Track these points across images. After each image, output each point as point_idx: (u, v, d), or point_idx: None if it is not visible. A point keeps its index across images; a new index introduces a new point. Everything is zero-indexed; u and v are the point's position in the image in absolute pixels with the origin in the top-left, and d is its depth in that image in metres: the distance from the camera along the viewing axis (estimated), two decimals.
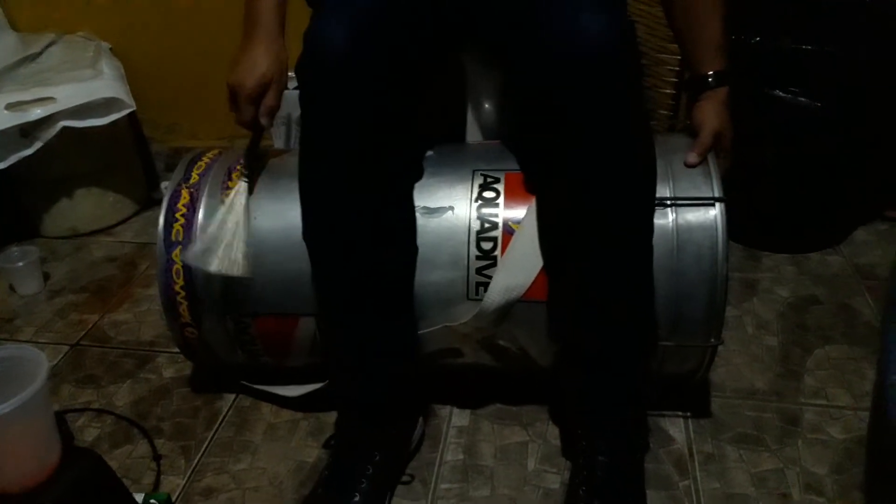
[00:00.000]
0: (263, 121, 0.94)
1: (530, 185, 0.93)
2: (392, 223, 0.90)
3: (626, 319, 0.85)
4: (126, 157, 1.64)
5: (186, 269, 0.96)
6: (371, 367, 0.93)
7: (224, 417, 1.07)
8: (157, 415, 1.08)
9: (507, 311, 0.91)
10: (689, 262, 0.88)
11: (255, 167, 0.99)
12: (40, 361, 0.75)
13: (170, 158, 1.81)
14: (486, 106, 1.14)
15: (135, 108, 1.48)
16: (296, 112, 1.57)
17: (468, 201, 0.94)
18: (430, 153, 1.00)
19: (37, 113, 1.38)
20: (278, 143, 1.64)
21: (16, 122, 1.36)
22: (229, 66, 0.94)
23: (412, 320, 0.93)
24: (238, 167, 1.00)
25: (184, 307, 0.98)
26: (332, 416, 1.05)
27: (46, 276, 1.43)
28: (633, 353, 0.88)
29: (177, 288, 0.97)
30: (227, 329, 1.00)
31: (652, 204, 0.84)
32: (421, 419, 1.00)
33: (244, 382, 1.10)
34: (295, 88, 0.88)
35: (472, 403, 1.06)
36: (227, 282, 0.94)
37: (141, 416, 1.08)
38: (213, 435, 1.04)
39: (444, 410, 1.06)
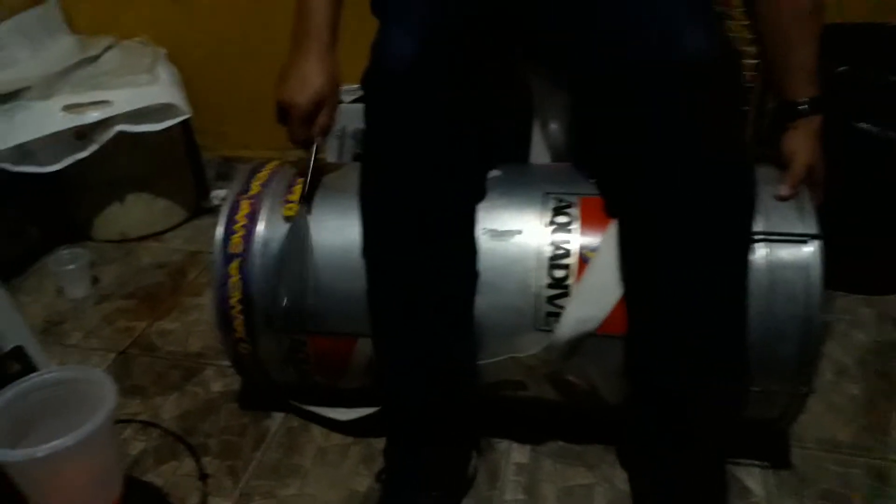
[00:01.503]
0: (318, 140, 0.91)
1: (608, 209, 0.88)
2: (454, 243, 0.85)
3: (712, 362, 0.79)
4: (178, 164, 1.63)
5: (244, 283, 0.93)
6: (426, 396, 0.88)
7: (273, 437, 1.03)
8: (205, 431, 1.05)
9: (580, 344, 0.86)
10: (781, 303, 0.82)
11: (312, 185, 0.96)
12: (107, 386, 0.71)
13: (220, 167, 1.80)
14: (553, 126, 1.09)
15: (190, 115, 1.46)
16: (350, 125, 1.55)
17: (540, 226, 0.89)
18: (496, 173, 0.95)
19: (93, 116, 1.37)
20: (331, 157, 1.62)
21: (72, 124, 1.35)
22: (278, 80, 0.91)
23: (471, 348, 0.89)
24: (296, 185, 0.97)
25: (239, 322, 0.95)
26: (383, 443, 1.00)
27: (95, 281, 1.41)
28: (718, 400, 0.82)
29: (232, 302, 0.94)
30: (282, 347, 0.96)
31: (747, 235, 0.78)
32: (475, 453, 0.96)
33: (293, 402, 1.06)
34: (350, 102, 0.86)
35: (532, 438, 1.01)
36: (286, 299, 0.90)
37: (188, 432, 1.05)
38: (262, 455, 1.00)
39: (501, 444, 1.01)
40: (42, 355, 1.15)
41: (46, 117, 1.35)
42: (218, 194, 1.71)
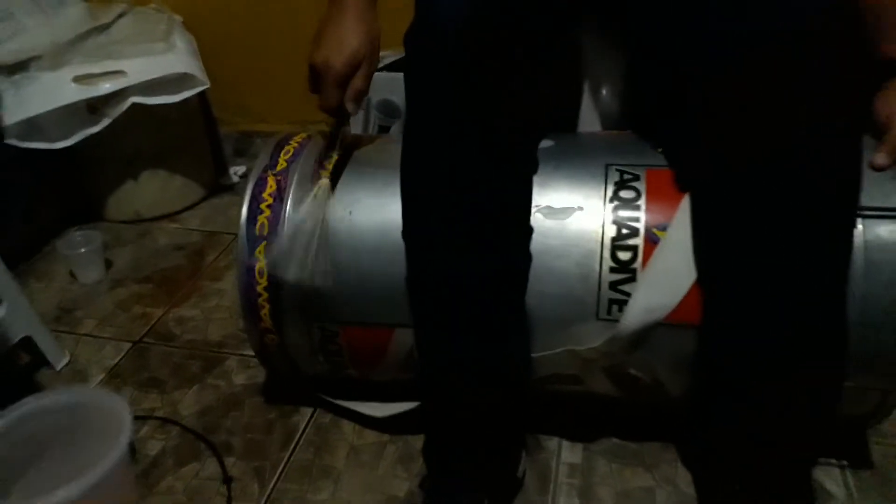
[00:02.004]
0: (350, 106, 0.82)
1: (679, 182, 0.78)
2: (507, 221, 0.76)
3: (802, 355, 0.70)
4: (195, 139, 1.54)
5: None
6: (473, 391, 0.79)
7: (301, 435, 0.95)
8: (227, 428, 0.97)
9: (646, 335, 0.77)
10: (880, 287, 0.72)
11: (340, 159, 0.86)
12: (123, 416, 0.62)
13: (238, 142, 1.71)
14: (604, 91, 0.99)
15: (209, 86, 1.37)
16: (375, 95, 1.45)
17: (601, 201, 0.79)
18: (547, 143, 0.85)
19: (106, 87, 1.28)
20: (355, 130, 1.52)
21: (84, 96, 1.26)
22: (313, 41, 0.82)
23: (524, 340, 0.79)
24: (327, 161, 0.88)
25: (265, 311, 0.86)
26: (422, 440, 0.92)
27: (108, 264, 1.33)
28: (806, 398, 0.72)
29: (259, 289, 0.85)
30: (312, 337, 0.87)
31: (851, 212, 0.68)
32: (523, 452, 0.87)
33: (323, 396, 0.97)
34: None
35: (584, 436, 0.92)
36: (315, 286, 0.81)
37: (209, 429, 0.97)
38: (290, 456, 0.92)
39: (551, 443, 0.92)
40: (53, 346, 1.08)
41: (56, 89, 1.26)
42: (237, 171, 1.62)
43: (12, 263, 1.00)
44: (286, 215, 0.85)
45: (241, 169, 1.63)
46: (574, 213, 0.79)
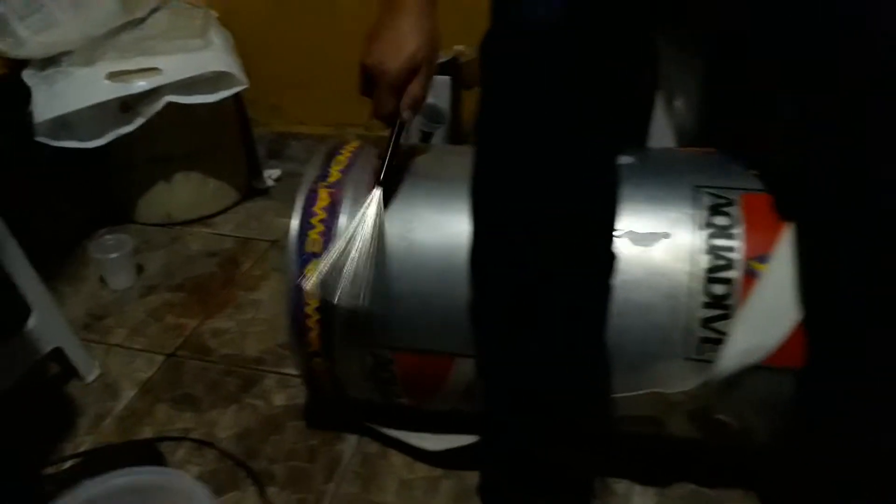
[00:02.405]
0: (406, 114, 0.75)
1: (780, 210, 0.71)
2: (590, 240, 0.69)
3: None
4: (229, 141, 1.48)
5: None
6: (544, 429, 0.72)
7: (347, 465, 0.88)
8: (268, 454, 0.90)
9: (740, 379, 0.69)
10: None
11: (395, 171, 0.79)
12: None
13: (272, 144, 1.65)
14: (679, 102, 0.92)
15: (247, 86, 1.31)
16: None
17: (691, 228, 0.72)
18: (626, 159, 0.78)
19: (140, 85, 1.22)
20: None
21: (118, 94, 1.20)
22: (366, 39, 0.76)
23: (602, 379, 0.72)
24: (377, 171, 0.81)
25: (314, 334, 0.79)
26: (477, 477, 0.85)
27: (139, 269, 1.27)
28: None
29: (309, 310, 0.78)
30: (364, 363, 0.81)
31: None
32: (591, 497, 0.80)
33: (371, 425, 0.91)
34: None
35: (658, 480, 0.84)
36: (368, 311, 0.74)
37: (249, 454, 0.90)
38: (336, 488, 0.85)
39: (620, 486, 0.84)
40: (83, 357, 1.03)
41: (89, 86, 1.21)
42: (270, 174, 1.56)
43: (40, 265, 0.94)
44: (339, 232, 0.78)
45: (275, 172, 1.57)
46: (661, 241, 0.72)
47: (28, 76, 1.24)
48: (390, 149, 0.77)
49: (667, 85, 0.90)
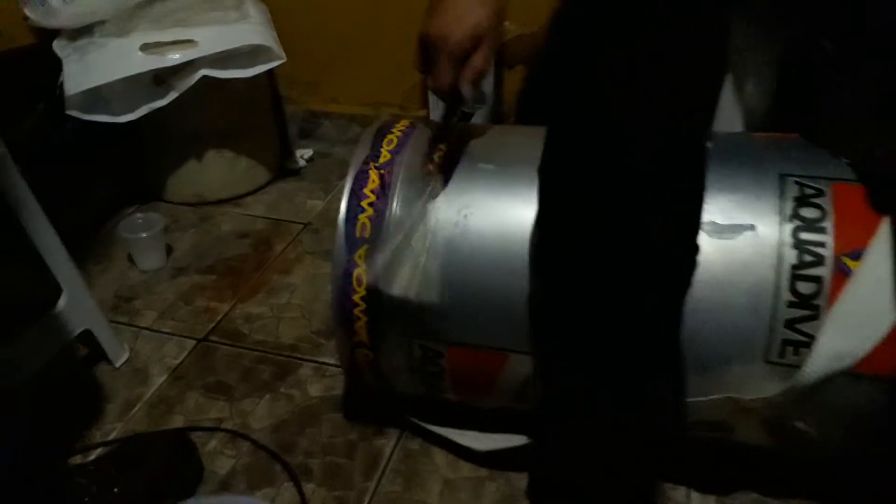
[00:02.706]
0: (466, 89, 0.70)
1: (875, 203, 0.64)
2: (669, 235, 0.63)
3: None
4: (262, 118, 1.43)
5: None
6: (605, 432, 0.67)
7: (388, 463, 0.84)
8: (304, 448, 0.86)
9: (828, 385, 0.64)
10: None
11: (451, 153, 0.74)
12: None
13: (305, 123, 1.60)
14: (750, 86, 0.86)
15: (284, 60, 1.25)
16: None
17: (777, 220, 0.66)
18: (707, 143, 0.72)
19: (175, 58, 1.17)
20: (435, 110, 1.41)
21: (152, 66, 1.16)
22: (427, 9, 0.71)
23: (676, 381, 0.67)
24: (437, 153, 0.76)
25: (361, 324, 0.75)
26: (525, 479, 0.80)
27: (169, 250, 1.23)
28: None
29: (356, 298, 0.73)
30: (412, 355, 0.76)
31: None
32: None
33: (413, 419, 0.86)
34: None
35: (718, 487, 0.79)
36: (422, 302, 0.69)
37: (284, 448, 0.86)
38: (376, 486, 0.81)
39: (677, 493, 0.79)
40: (113, 341, 0.99)
41: (123, 58, 1.16)
42: (303, 154, 1.51)
43: (68, 244, 0.89)
44: (391, 217, 0.73)
45: (307, 152, 1.52)
46: (744, 233, 0.66)
47: (59, 47, 1.20)
48: (449, 128, 0.72)
49: (739, 66, 0.84)
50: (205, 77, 1.19)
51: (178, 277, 1.18)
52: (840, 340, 0.63)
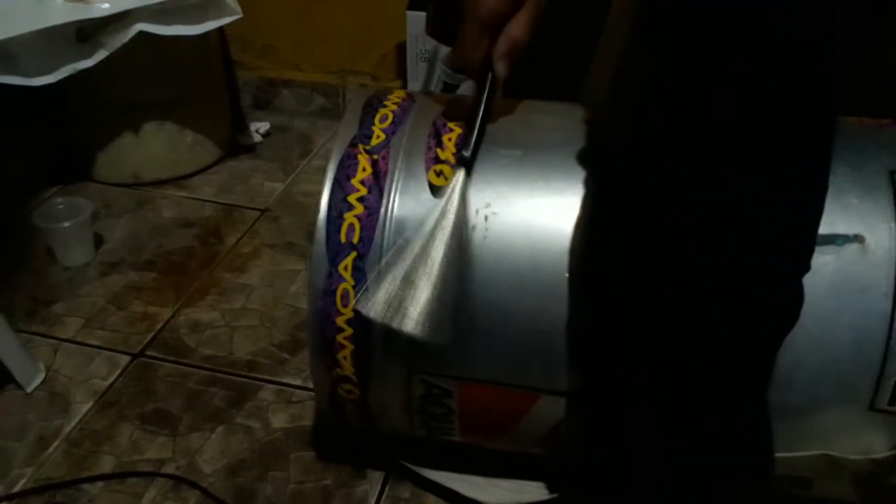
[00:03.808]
0: (500, 65, 0.54)
1: None
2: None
3: None
4: (211, 86, 1.22)
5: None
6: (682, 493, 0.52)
7: None
8: (268, 496, 0.69)
9: None
10: None
11: (466, 134, 0.57)
12: None
13: (260, 92, 1.41)
14: None
15: (240, 16, 1.06)
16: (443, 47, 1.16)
17: (890, 228, 0.52)
18: None
19: (104, 8, 0.96)
20: (414, 81, 1.23)
21: (75, 17, 0.95)
22: None
23: (763, 434, 0.52)
24: (449, 133, 0.59)
25: (345, 353, 0.58)
26: None
27: (98, 241, 1.03)
28: None
29: (340, 322, 0.56)
30: (411, 393, 0.60)
31: None
32: None
33: (406, 463, 0.70)
34: None
35: None
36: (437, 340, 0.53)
37: (242, 497, 0.69)
38: None
39: None
40: (23, 359, 0.79)
41: (37, 6, 0.94)
42: (258, 128, 1.32)
43: None
44: (389, 217, 0.56)
45: (263, 126, 1.32)
46: (848, 246, 0.52)
47: None
48: (480, 114, 0.55)
49: None
50: (141, 33, 0.99)
51: (108, 276, 0.98)
52: None
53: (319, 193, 0.57)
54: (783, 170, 0.42)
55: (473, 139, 0.55)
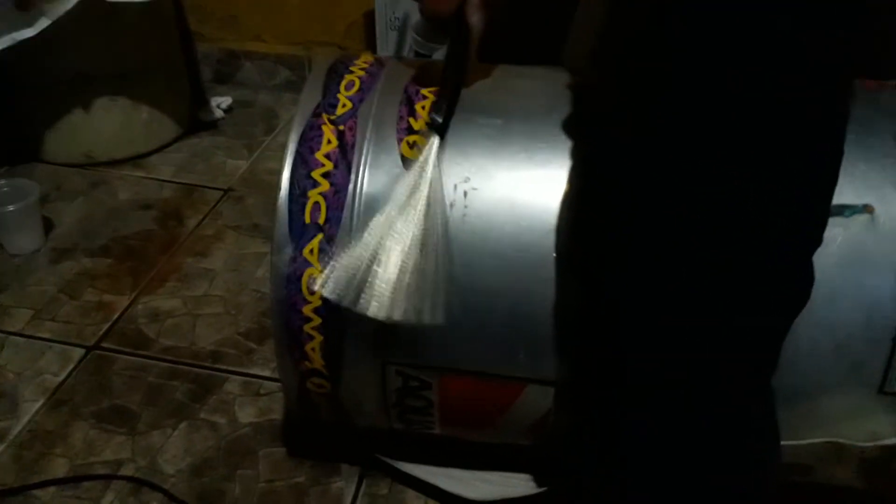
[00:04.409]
0: (475, 16, 0.50)
1: None
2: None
3: None
4: (168, 58, 1.15)
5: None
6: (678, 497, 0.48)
7: None
8: (236, 498, 0.65)
9: None
10: None
11: (440, 102, 0.52)
12: None
13: (221, 65, 1.34)
14: None
15: None
16: (415, 14, 1.10)
17: None
18: None
19: None
20: (384, 51, 1.17)
21: None
22: None
23: (772, 420, 0.49)
24: (423, 101, 0.54)
25: (315, 345, 0.53)
26: None
27: (48, 226, 0.96)
28: None
29: (307, 311, 0.51)
30: (386, 386, 0.55)
31: None
32: None
33: (382, 457, 0.66)
34: None
35: None
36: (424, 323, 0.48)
37: (208, 498, 0.64)
38: None
39: None
40: None
41: None
42: (220, 102, 1.25)
43: None
44: (358, 194, 0.51)
45: (225, 101, 1.25)
46: (856, 217, 0.48)
47: None
48: (453, 72, 0.50)
49: None
50: (86, 0, 0.91)
51: (60, 263, 0.92)
52: None
53: (280, 168, 0.52)
54: (787, 160, 0.38)
55: (446, 102, 0.50)
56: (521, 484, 0.62)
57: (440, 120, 0.50)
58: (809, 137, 0.39)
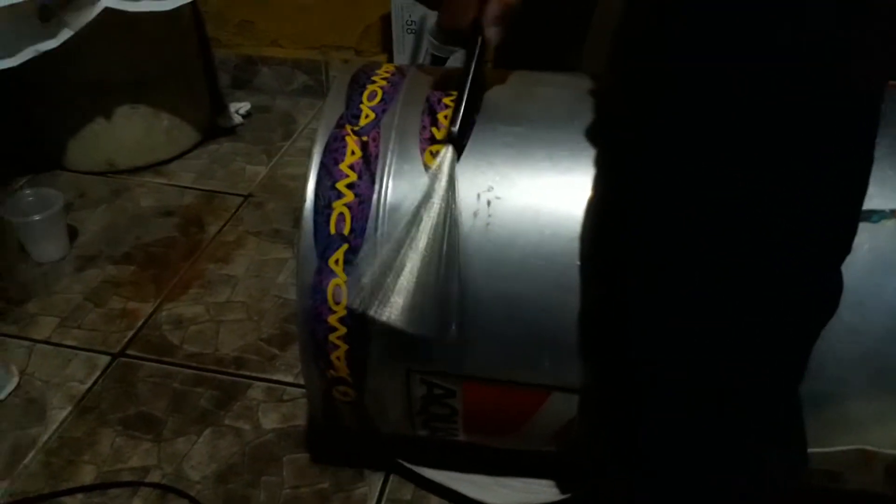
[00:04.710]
0: (491, 30, 0.49)
1: None
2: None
3: None
4: (187, 66, 1.16)
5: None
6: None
7: None
8: (261, 503, 0.66)
9: None
10: None
11: (461, 110, 0.52)
12: None
13: (239, 71, 1.34)
14: None
15: None
16: (431, 17, 1.10)
17: None
18: None
19: None
20: (400, 54, 1.18)
21: None
22: None
23: (800, 430, 0.48)
24: (444, 111, 0.54)
25: (339, 354, 0.53)
26: None
27: (73, 234, 0.98)
28: None
29: (332, 320, 0.52)
30: (411, 394, 0.55)
31: None
32: None
33: (406, 464, 0.66)
34: None
35: None
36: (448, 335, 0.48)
37: (234, 503, 0.65)
38: None
39: None
40: None
41: None
42: (238, 108, 1.26)
43: None
44: (383, 205, 0.51)
45: (243, 106, 1.26)
46: (884, 224, 0.48)
47: None
48: (467, 84, 0.50)
49: None
50: (107, 10, 0.92)
51: (84, 270, 0.93)
52: None
53: (305, 179, 0.52)
54: (791, 163, 0.38)
55: (461, 113, 0.50)
56: (544, 490, 0.62)
57: (455, 130, 0.50)
58: (816, 140, 0.38)
